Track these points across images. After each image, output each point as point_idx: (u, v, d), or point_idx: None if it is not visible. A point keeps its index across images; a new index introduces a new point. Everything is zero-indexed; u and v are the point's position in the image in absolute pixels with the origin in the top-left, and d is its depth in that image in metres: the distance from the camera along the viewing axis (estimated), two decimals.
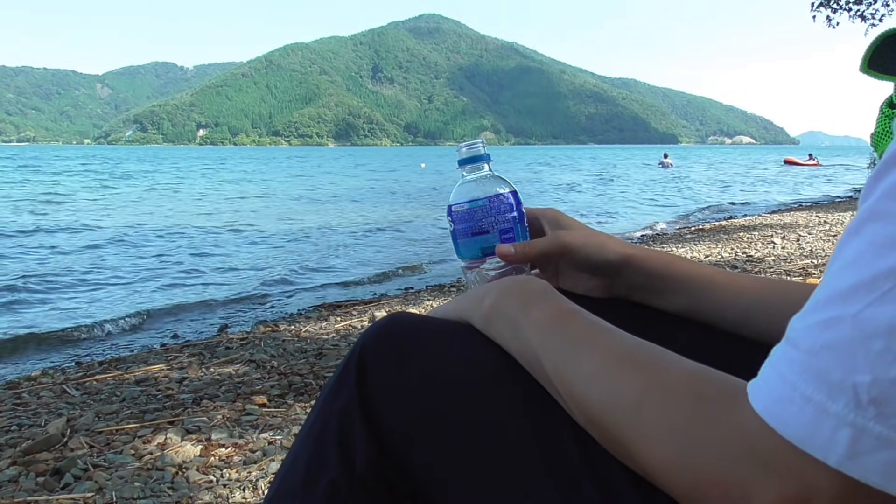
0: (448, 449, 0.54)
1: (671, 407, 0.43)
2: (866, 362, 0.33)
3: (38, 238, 9.03)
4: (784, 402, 0.37)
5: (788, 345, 0.38)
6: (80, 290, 5.80)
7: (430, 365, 0.56)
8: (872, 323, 0.33)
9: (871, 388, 0.33)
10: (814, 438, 0.35)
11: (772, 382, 0.38)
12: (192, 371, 2.97)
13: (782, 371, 0.38)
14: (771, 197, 16.65)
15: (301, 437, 0.60)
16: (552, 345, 0.53)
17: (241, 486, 1.78)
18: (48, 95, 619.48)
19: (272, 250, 8.10)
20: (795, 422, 0.36)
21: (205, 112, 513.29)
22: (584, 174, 30.78)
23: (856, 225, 0.37)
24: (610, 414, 0.47)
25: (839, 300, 0.35)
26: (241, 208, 14.03)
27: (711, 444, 0.40)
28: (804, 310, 0.38)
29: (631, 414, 0.45)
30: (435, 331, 0.59)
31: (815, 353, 0.36)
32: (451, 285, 5.46)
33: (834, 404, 0.34)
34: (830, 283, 0.37)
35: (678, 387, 0.44)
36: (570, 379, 0.50)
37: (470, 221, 0.74)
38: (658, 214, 12.41)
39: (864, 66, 0.62)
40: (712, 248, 6.46)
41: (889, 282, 0.33)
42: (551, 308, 0.56)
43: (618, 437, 0.46)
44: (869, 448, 0.34)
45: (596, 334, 0.52)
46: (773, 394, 0.38)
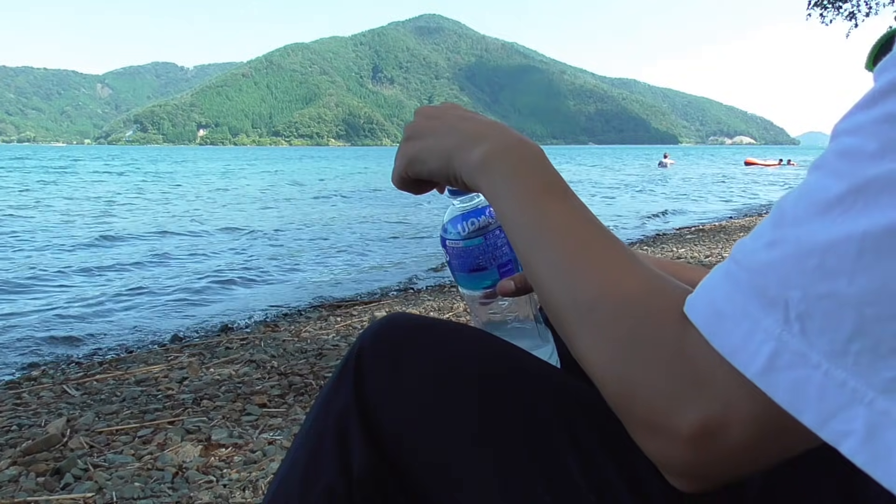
0: (446, 450, 0.54)
1: (620, 316, 0.44)
2: (800, 278, 0.34)
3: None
4: (723, 318, 0.37)
5: (734, 264, 0.38)
6: (85, 289, 5.80)
7: (427, 366, 0.56)
8: (811, 241, 0.34)
9: (800, 303, 0.34)
10: (742, 351, 0.36)
11: (714, 297, 0.38)
12: (192, 371, 2.97)
13: (725, 288, 0.38)
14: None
15: (299, 438, 0.60)
16: (526, 224, 0.52)
17: (242, 486, 1.78)
18: (48, 95, 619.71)
19: (271, 250, 8.10)
20: (731, 335, 0.36)
21: (205, 112, 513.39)
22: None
23: (816, 163, 0.38)
24: (565, 310, 0.47)
25: (790, 224, 0.36)
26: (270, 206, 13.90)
27: (648, 359, 0.41)
28: (755, 233, 0.38)
29: (583, 315, 0.45)
30: (433, 331, 0.59)
31: (759, 271, 0.36)
32: (452, 285, 5.46)
33: (766, 319, 0.35)
34: (784, 210, 0.37)
35: (631, 297, 0.44)
36: (535, 267, 0.51)
37: (466, 258, 0.70)
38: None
39: (870, 64, 0.62)
40: (712, 248, 6.46)
41: (836, 208, 0.34)
42: (537, 183, 0.55)
43: (568, 335, 0.47)
44: (784, 364, 0.34)
45: (571, 224, 0.51)
46: (714, 308, 0.38)
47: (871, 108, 0.35)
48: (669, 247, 6.88)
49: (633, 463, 0.49)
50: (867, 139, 0.34)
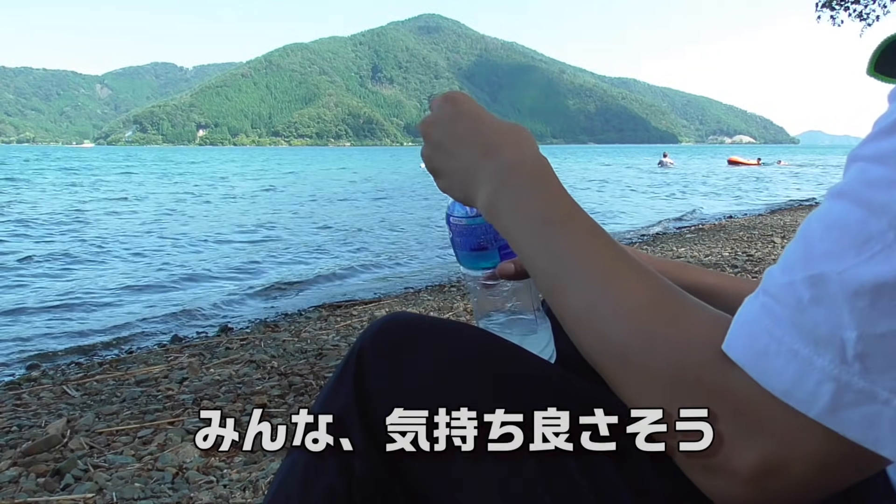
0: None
1: (657, 360, 0.43)
2: (852, 319, 0.34)
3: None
4: (769, 356, 0.37)
5: (770, 299, 0.38)
6: (91, 290, 5.80)
7: (428, 365, 0.56)
8: (857, 280, 0.34)
9: (857, 343, 0.34)
10: (798, 391, 0.36)
11: (755, 335, 0.38)
12: (192, 372, 2.97)
13: (766, 325, 0.38)
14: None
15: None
16: (542, 271, 0.52)
17: (242, 486, 1.78)
18: (48, 96, 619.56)
19: (271, 249, 8.10)
20: (781, 375, 0.36)
21: (204, 112, 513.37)
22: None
23: (839, 189, 0.37)
24: (599, 358, 0.47)
25: (824, 258, 0.36)
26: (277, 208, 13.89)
27: (696, 401, 0.40)
28: (785, 264, 0.38)
29: (617, 362, 0.45)
30: (433, 331, 0.59)
31: (801, 308, 0.36)
32: (452, 285, 5.46)
33: (820, 359, 0.35)
34: (813, 240, 0.37)
35: (662, 336, 0.43)
36: (558, 308, 0.50)
37: (468, 237, 0.71)
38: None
39: (871, 69, 0.61)
40: (712, 247, 6.46)
41: (876, 244, 0.34)
42: (543, 215, 0.54)
43: (610, 382, 0.47)
44: (851, 402, 0.34)
45: (584, 257, 0.50)
46: (756, 347, 0.38)
47: (893, 134, 0.35)
48: (669, 246, 6.87)
49: (632, 462, 0.49)
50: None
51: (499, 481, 0.51)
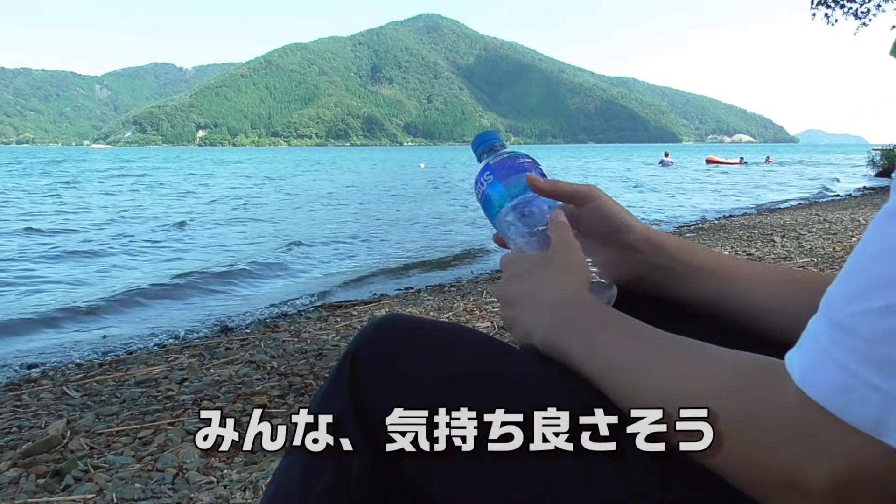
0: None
1: (719, 404, 0.44)
2: None
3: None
4: (848, 393, 0.36)
5: (840, 331, 0.38)
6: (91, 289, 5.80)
7: (424, 366, 0.56)
8: None
9: None
10: (885, 426, 0.35)
11: (829, 370, 0.38)
12: (192, 372, 2.97)
13: (840, 359, 0.37)
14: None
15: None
16: (597, 365, 0.54)
17: (242, 486, 1.78)
18: (47, 97, 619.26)
19: (271, 249, 8.09)
20: (863, 412, 0.36)
21: (204, 113, 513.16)
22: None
23: (892, 209, 0.36)
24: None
25: (890, 283, 0.35)
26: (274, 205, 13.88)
27: (764, 437, 0.41)
28: (849, 293, 0.38)
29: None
30: (429, 332, 0.59)
31: (876, 340, 0.35)
32: (451, 285, 5.46)
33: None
34: (877, 267, 0.36)
35: (721, 382, 0.44)
36: (618, 398, 0.51)
37: (510, 165, 0.75)
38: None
39: (895, 49, 0.62)
40: (712, 246, 6.46)
41: None
42: (593, 327, 0.57)
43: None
44: None
45: (633, 347, 0.52)
46: (833, 383, 0.37)
47: None
48: None
49: (630, 462, 0.49)
50: None
51: (499, 481, 0.51)
